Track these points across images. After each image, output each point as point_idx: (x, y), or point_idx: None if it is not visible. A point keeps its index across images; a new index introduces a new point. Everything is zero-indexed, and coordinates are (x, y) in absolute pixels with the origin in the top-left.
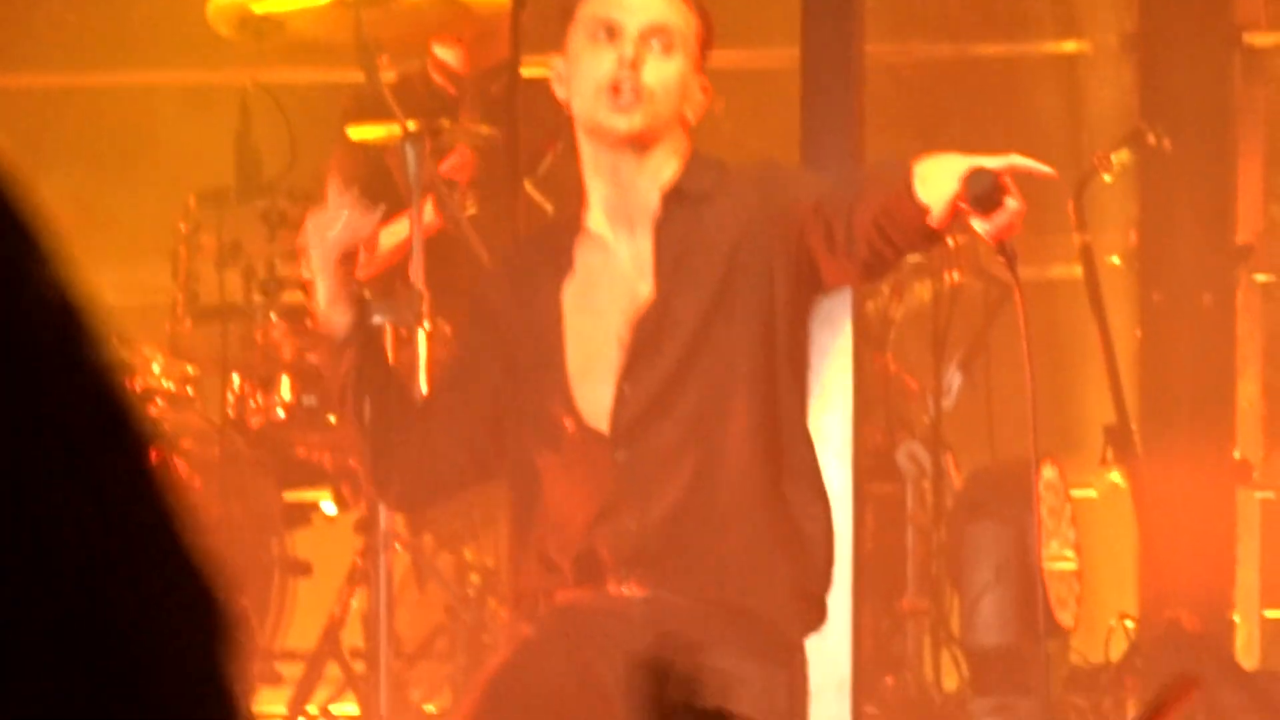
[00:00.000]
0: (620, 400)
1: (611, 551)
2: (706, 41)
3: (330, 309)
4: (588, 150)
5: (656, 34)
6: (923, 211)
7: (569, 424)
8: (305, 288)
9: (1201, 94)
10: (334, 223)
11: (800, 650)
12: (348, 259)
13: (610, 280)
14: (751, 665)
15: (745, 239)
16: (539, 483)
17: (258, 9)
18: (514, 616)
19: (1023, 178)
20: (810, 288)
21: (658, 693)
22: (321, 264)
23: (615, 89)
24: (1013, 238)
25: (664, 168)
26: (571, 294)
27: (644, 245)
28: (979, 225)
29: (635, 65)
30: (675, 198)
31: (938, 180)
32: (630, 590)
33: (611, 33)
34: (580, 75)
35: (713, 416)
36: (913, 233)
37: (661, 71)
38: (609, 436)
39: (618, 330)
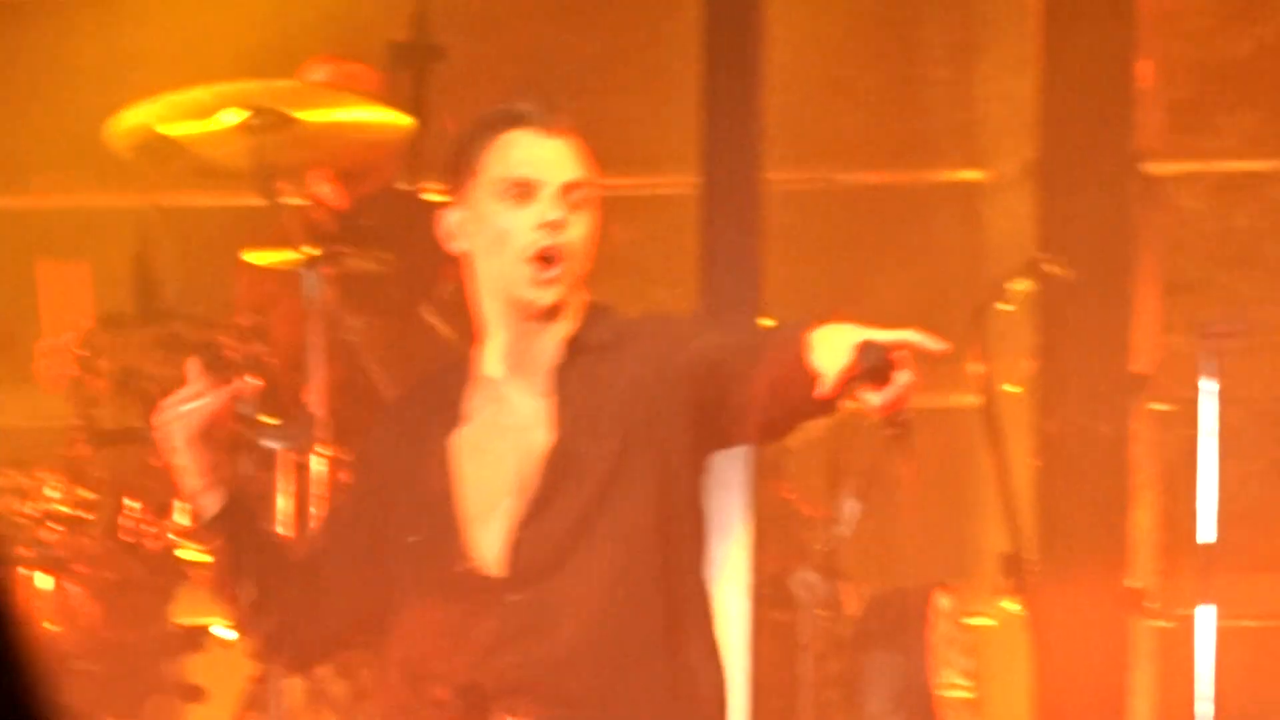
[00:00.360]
0: (517, 543)
1: (496, 684)
2: (600, 191)
3: (200, 494)
4: (493, 307)
5: (573, 190)
6: (814, 380)
7: (463, 569)
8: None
9: (1100, 223)
10: (190, 401)
11: None
12: (210, 438)
13: (506, 428)
14: None
15: (645, 393)
16: (423, 621)
17: (160, 130)
18: None
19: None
20: (709, 445)
21: None
22: (184, 443)
23: (544, 259)
24: (904, 410)
25: (569, 322)
26: (464, 442)
27: (542, 393)
28: (870, 397)
29: (559, 228)
30: (576, 348)
31: (830, 351)
32: (516, 719)
33: (527, 192)
34: (495, 237)
35: (611, 564)
36: (804, 401)
37: (579, 230)
38: (504, 579)
39: (513, 477)
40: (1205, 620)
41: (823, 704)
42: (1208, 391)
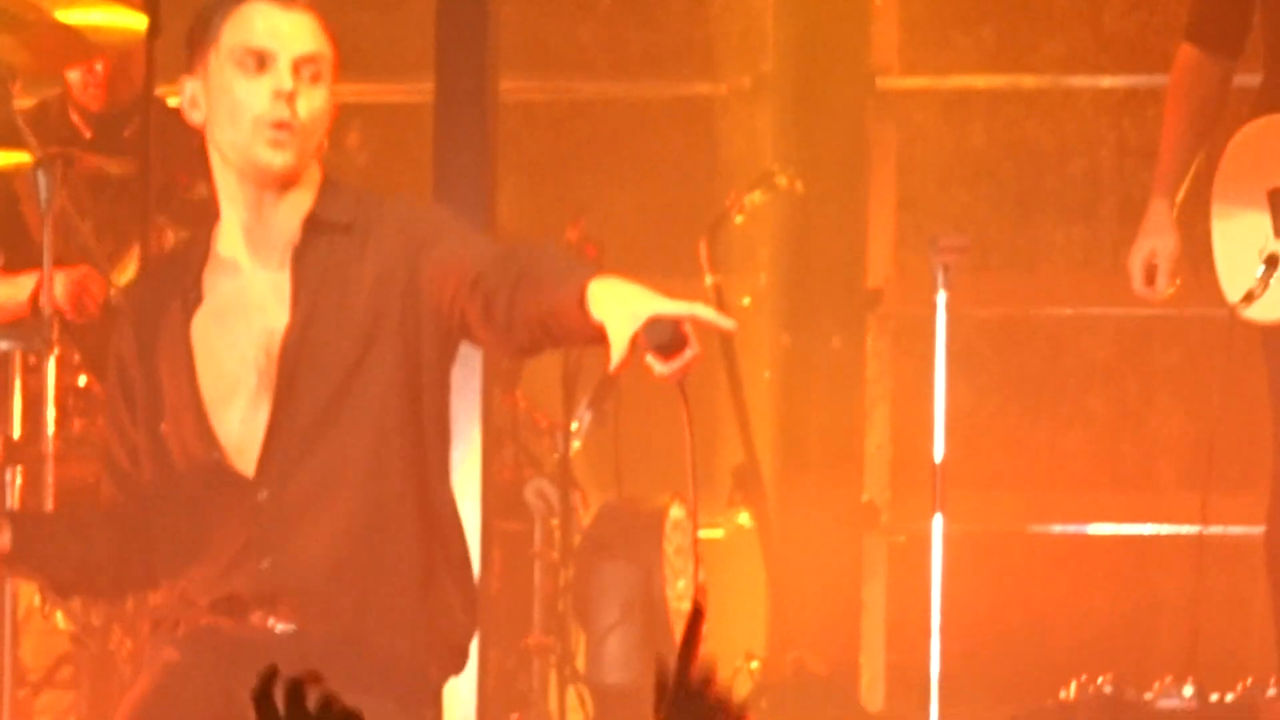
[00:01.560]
0: (267, 435)
1: (251, 591)
2: (337, 67)
3: None
4: (228, 178)
5: (308, 63)
6: (594, 325)
7: (212, 458)
8: None
9: (834, 138)
10: None
11: (439, 694)
12: None
13: (245, 308)
14: (389, 705)
15: (395, 284)
16: (177, 517)
17: None
18: (153, 640)
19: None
20: (456, 345)
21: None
22: None
23: (278, 125)
24: (687, 378)
25: (304, 197)
26: (202, 324)
27: (282, 273)
28: (657, 366)
29: (292, 99)
30: (315, 226)
31: (617, 317)
32: (274, 622)
33: (263, 62)
34: (231, 106)
35: (360, 461)
36: (580, 337)
37: (313, 103)
38: (254, 475)
39: (255, 359)
40: (936, 535)
41: (554, 613)
42: (939, 307)
